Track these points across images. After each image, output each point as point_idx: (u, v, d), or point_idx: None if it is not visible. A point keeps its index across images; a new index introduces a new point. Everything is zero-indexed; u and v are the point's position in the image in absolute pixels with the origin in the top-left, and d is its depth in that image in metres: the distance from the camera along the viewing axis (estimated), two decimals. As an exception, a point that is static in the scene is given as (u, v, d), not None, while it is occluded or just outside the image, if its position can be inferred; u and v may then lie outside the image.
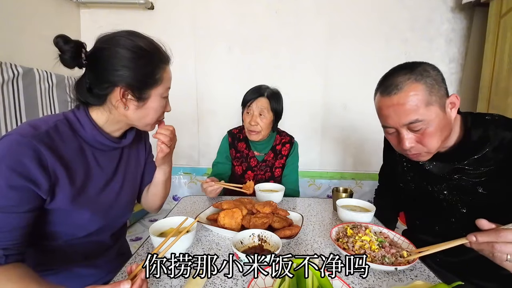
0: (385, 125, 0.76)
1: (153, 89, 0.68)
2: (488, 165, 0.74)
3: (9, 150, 0.54)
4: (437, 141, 0.71)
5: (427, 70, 0.70)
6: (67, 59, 0.62)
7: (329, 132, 2.14)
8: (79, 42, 0.63)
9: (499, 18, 1.65)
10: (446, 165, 0.80)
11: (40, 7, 1.65)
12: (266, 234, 0.74)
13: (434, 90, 0.68)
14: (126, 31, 0.66)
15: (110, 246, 0.79)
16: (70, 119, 0.67)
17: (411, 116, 0.68)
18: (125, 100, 0.65)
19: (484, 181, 0.75)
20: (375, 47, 2.00)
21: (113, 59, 0.63)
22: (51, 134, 0.61)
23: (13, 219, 0.55)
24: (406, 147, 0.72)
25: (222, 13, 2.02)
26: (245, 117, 1.30)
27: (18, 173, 0.54)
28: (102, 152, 0.73)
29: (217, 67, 2.09)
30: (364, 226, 0.82)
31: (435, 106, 0.68)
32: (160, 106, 0.72)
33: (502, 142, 0.72)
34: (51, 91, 1.55)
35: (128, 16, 2.04)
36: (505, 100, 1.58)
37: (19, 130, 0.58)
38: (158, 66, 0.67)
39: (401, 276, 0.65)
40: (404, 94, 0.68)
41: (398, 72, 0.72)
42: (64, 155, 0.62)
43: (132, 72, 0.63)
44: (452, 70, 2.03)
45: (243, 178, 1.38)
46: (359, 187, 2.17)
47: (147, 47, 0.66)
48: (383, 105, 0.73)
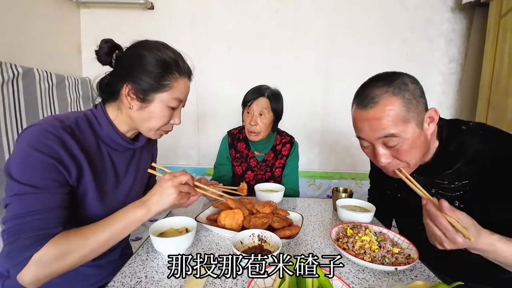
0: (359, 137, 0.74)
1: (158, 94, 0.68)
2: (462, 179, 0.73)
3: (39, 137, 0.57)
4: (413, 158, 0.69)
5: (405, 83, 0.66)
6: (101, 54, 0.69)
7: (329, 132, 2.14)
8: (116, 44, 0.71)
9: (499, 18, 1.65)
10: (425, 178, 0.78)
11: (40, 7, 1.65)
12: (266, 234, 0.74)
13: (411, 106, 0.65)
14: (157, 41, 0.71)
15: (115, 247, 0.80)
16: (89, 116, 0.70)
17: (387, 130, 0.65)
18: (130, 99, 0.68)
19: (460, 196, 0.74)
20: (375, 47, 2.00)
21: (131, 58, 0.68)
22: (73, 128, 0.64)
23: (58, 199, 0.59)
24: (382, 164, 0.70)
25: (222, 13, 2.02)
26: (245, 117, 1.30)
27: (52, 157, 0.57)
28: (116, 152, 0.75)
29: (217, 67, 2.09)
30: (364, 226, 0.82)
31: (412, 123, 0.66)
32: (164, 115, 0.71)
33: (475, 155, 0.70)
34: (51, 91, 1.55)
35: (128, 16, 2.03)
36: (505, 100, 1.58)
37: (46, 120, 0.61)
38: (170, 73, 0.68)
39: (401, 276, 0.65)
40: (380, 109, 0.65)
41: (375, 84, 0.68)
42: (86, 148, 0.66)
43: (140, 72, 0.66)
44: (452, 70, 2.02)
45: (243, 178, 1.38)
46: (359, 187, 2.17)
47: (166, 54, 0.68)
48: (358, 117, 0.71)
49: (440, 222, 0.56)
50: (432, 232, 0.59)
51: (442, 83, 2.04)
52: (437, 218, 0.57)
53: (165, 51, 0.69)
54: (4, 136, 1.28)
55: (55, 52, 1.79)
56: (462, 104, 2.06)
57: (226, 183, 1.36)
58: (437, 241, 0.59)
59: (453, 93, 2.06)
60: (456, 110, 2.08)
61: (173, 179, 0.67)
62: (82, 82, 1.83)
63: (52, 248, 0.55)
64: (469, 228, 0.56)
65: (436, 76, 2.03)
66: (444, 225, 0.56)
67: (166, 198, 0.66)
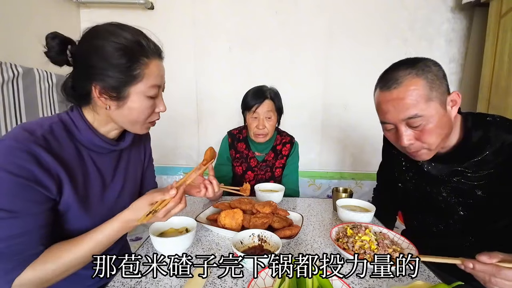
0: (383, 121, 0.75)
1: (132, 87, 0.61)
2: (487, 168, 0.72)
3: (8, 156, 0.52)
4: (436, 138, 0.69)
5: (428, 65, 0.68)
6: (52, 55, 0.61)
7: (329, 132, 2.14)
8: (65, 38, 0.62)
9: (499, 18, 1.65)
10: (445, 166, 0.78)
11: (40, 7, 1.65)
12: (266, 234, 0.74)
13: (434, 85, 0.67)
14: (108, 22, 0.62)
15: (111, 248, 0.79)
16: (65, 121, 0.64)
17: (411, 111, 0.66)
18: (104, 99, 0.61)
19: (483, 184, 0.74)
20: (375, 47, 2.00)
21: (88, 53, 0.60)
22: (47, 137, 0.59)
23: (38, 219, 0.57)
24: (405, 144, 0.71)
25: (222, 13, 2.02)
26: (251, 122, 1.29)
27: (24, 177, 0.53)
28: (99, 155, 0.71)
29: (217, 67, 2.09)
30: (364, 226, 0.82)
31: (436, 102, 0.67)
32: (145, 107, 0.65)
33: (503, 145, 0.70)
34: (51, 91, 1.55)
35: (128, 16, 2.04)
36: (505, 100, 1.58)
37: (13, 135, 0.55)
38: (137, 61, 0.60)
39: (401, 276, 0.65)
40: (403, 89, 0.67)
41: (399, 67, 0.70)
42: (63, 158, 0.61)
43: (104, 68, 0.59)
44: (452, 70, 2.02)
45: (243, 179, 1.38)
46: (359, 187, 2.17)
47: (125, 38, 0.60)
48: (382, 99, 0.72)
49: (507, 274, 0.52)
50: (499, 285, 0.54)
51: (442, 83, 2.04)
52: (500, 270, 0.53)
53: (122, 34, 0.60)
54: (4, 136, 1.28)
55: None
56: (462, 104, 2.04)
57: (227, 183, 1.35)
58: None
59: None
60: (456, 110, 2.08)
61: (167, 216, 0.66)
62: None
63: (31, 275, 0.54)
64: None
65: (436, 76, 2.03)
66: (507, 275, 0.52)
67: None
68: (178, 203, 0.65)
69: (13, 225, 0.53)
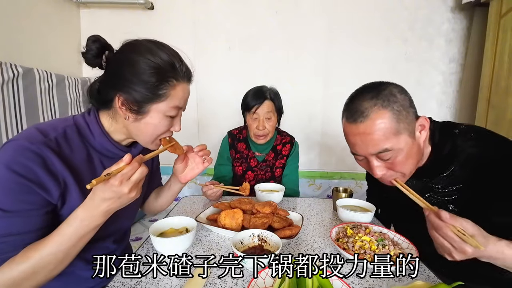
0: (353, 152, 0.74)
1: (154, 104, 0.62)
2: (455, 184, 0.72)
3: (17, 156, 0.53)
4: (408, 167, 0.70)
5: (394, 94, 0.66)
6: (88, 57, 0.63)
7: (329, 132, 2.14)
8: (105, 43, 0.64)
9: (499, 18, 1.65)
10: (418, 182, 0.78)
11: (40, 7, 1.65)
12: (266, 234, 0.74)
13: (401, 116, 0.65)
14: (149, 39, 0.64)
15: (113, 250, 0.79)
16: (79, 124, 0.65)
17: (380, 146, 0.66)
18: (124, 109, 0.63)
19: (454, 199, 0.74)
20: (375, 47, 2.00)
21: (122, 64, 0.61)
22: (60, 141, 0.60)
23: (32, 222, 0.55)
24: (378, 176, 0.71)
25: (222, 13, 2.02)
26: (251, 123, 1.29)
27: (27, 179, 0.53)
28: (110, 160, 0.71)
29: (217, 67, 2.09)
30: (364, 226, 0.82)
31: (404, 134, 0.66)
32: (162, 125, 0.66)
33: (468, 159, 0.70)
34: (51, 91, 1.55)
35: (128, 16, 2.04)
36: (505, 100, 1.58)
37: (27, 134, 0.56)
38: (166, 81, 0.62)
39: (401, 276, 0.65)
40: (370, 123, 0.65)
41: (364, 96, 0.68)
42: (72, 163, 0.61)
43: (133, 82, 0.60)
44: (452, 70, 2.02)
45: (243, 179, 1.38)
46: (359, 187, 2.17)
47: (160, 57, 0.61)
48: (349, 132, 0.71)
49: (445, 232, 0.55)
50: (440, 243, 0.58)
51: (442, 83, 2.04)
52: (442, 229, 0.56)
53: (159, 53, 0.61)
54: (4, 136, 1.28)
55: (55, 52, 1.79)
56: (462, 104, 2.06)
57: (227, 183, 1.35)
58: (445, 252, 0.58)
59: (453, 93, 2.06)
60: (456, 110, 2.08)
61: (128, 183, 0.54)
62: (82, 82, 1.83)
63: (1, 275, 0.52)
64: (476, 236, 0.54)
65: (436, 76, 2.03)
66: (450, 236, 0.55)
67: (126, 201, 0.58)
68: (136, 168, 0.55)
69: (1, 225, 0.53)
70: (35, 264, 0.53)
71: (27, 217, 0.55)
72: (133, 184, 0.55)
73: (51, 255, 0.54)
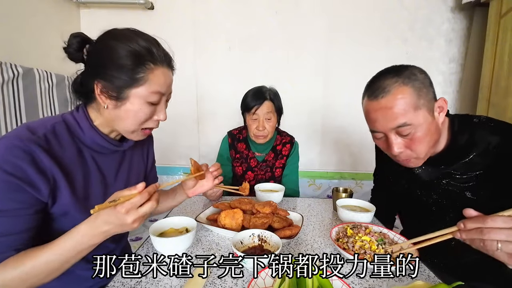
0: (373, 130, 0.75)
1: (132, 89, 0.61)
2: (475, 170, 0.73)
3: (5, 154, 0.53)
4: (425, 147, 0.70)
5: (414, 73, 0.68)
6: (70, 51, 0.64)
7: (329, 132, 2.14)
8: (86, 37, 0.64)
9: (499, 18, 1.65)
10: (434, 169, 0.79)
11: (40, 7, 1.65)
12: (266, 234, 0.74)
13: (422, 93, 0.67)
14: (127, 28, 0.64)
15: (111, 249, 0.79)
16: (68, 121, 0.65)
17: (399, 120, 0.67)
18: (104, 97, 0.62)
19: (471, 186, 0.74)
20: (375, 47, 2.00)
21: (100, 52, 0.62)
22: (49, 137, 0.59)
23: (21, 222, 0.55)
24: (395, 153, 0.71)
25: (222, 13, 2.02)
26: (251, 123, 1.29)
27: (16, 177, 0.53)
28: (101, 155, 0.71)
29: (217, 67, 2.09)
30: (364, 226, 0.82)
31: (423, 110, 0.67)
32: (143, 112, 0.64)
33: (488, 147, 0.71)
34: (51, 91, 1.55)
35: (128, 16, 2.03)
36: (505, 100, 1.58)
37: (16, 133, 0.56)
38: (142, 65, 0.61)
39: (401, 276, 0.65)
40: (391, 97, 0.67)
41: (385, 76, 0.70)
42: (62, 159, 0.61)
43: (109, 67, 0.60)
44: (452, 70, 2.02)
45: (243, 179, 1.38)
46: (359, 187, 2.17)
47: (138, 43, 0.61)
48: (370, 108, 0.72)
49: (494, 219, 0.50)
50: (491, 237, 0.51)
51: (442, 83, 2.04)
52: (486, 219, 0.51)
53: (136, 39, 0.61)
54: (4, 136, 1.28)
55: (55, 52, 1.79)
56: (462, 104, 2.06)
57: (227, 183, 1.36)
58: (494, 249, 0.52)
59: (453, 93, 2.06)
60: (456, 110, 2.08)
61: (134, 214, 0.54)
62: (82, 82, 1.83)
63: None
64: None
65: (436, 76, 2.03)
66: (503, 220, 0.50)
67: (127, 229, 0.57)
68: (146, 199, 0.55)
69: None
70: (28, 271, 0.53)
71: (16, 216, 0.54)
72: (139, 216, 0.55)
73: (45, 265, 0.54)
